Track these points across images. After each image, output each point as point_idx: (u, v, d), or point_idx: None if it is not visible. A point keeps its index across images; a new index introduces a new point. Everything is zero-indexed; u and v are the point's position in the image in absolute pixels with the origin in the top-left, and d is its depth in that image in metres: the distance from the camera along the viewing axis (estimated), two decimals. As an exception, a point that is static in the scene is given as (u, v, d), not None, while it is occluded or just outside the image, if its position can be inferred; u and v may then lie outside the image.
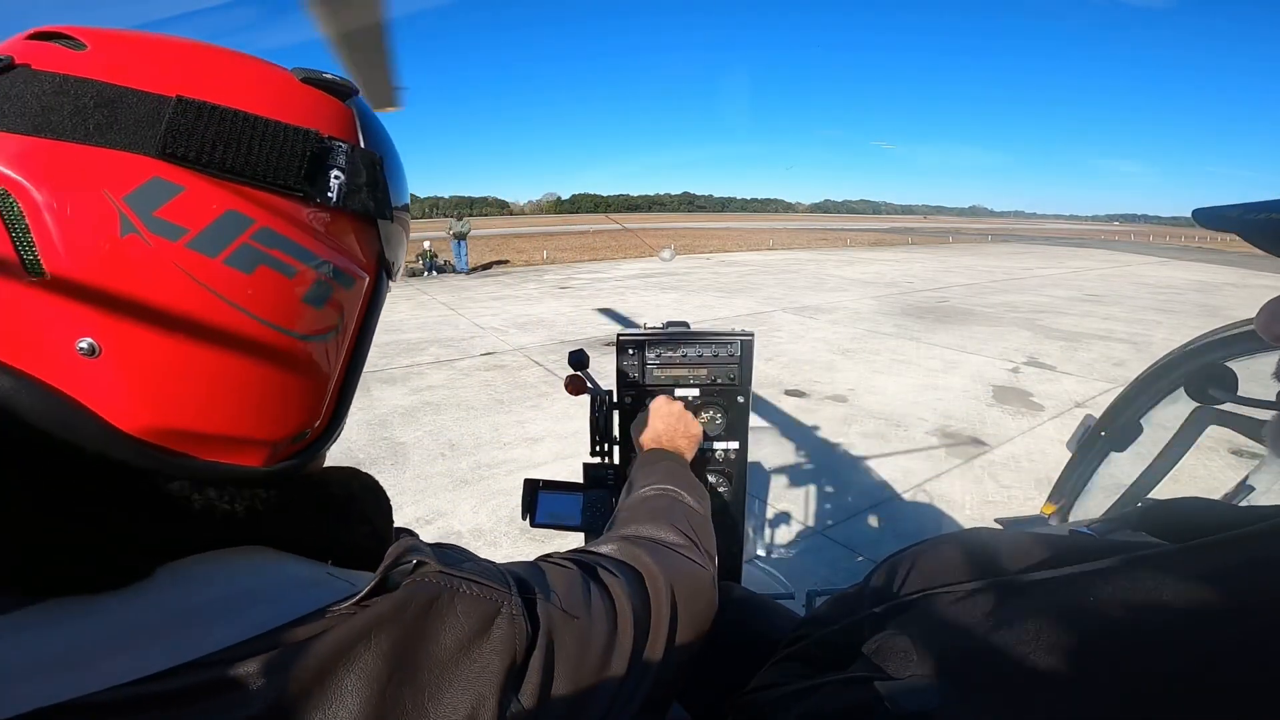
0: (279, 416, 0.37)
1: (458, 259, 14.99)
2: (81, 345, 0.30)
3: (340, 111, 0.39)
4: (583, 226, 46.37)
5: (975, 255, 21.91)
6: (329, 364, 0.39)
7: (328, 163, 0.36)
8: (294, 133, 0.35)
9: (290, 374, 0.37)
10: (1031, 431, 4.25)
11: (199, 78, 0.34)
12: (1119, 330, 7.75)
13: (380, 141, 0.41)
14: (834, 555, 2.75)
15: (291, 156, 0.34)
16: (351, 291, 0.39)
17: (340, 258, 0.38)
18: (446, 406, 4.79)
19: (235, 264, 0.33)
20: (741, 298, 10.62)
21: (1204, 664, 0.30)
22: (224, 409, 0.34)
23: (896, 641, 0.45)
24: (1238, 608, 0.31)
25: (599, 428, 1.21)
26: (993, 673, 0.37)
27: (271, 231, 0.34)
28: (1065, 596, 0.38)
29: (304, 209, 0.36)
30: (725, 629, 0.87)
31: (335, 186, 0.37)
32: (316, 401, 0.39)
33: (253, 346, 0.34)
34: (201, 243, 0.32)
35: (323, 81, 0.39)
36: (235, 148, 0.33)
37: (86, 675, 0.28)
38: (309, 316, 0.36)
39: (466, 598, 0.38)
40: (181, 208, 0.31)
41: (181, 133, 0.31)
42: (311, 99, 0.38)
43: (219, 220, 0.32)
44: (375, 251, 0.42)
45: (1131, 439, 1.37)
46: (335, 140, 0.37)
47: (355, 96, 0.41)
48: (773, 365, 5.90)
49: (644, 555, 0.57)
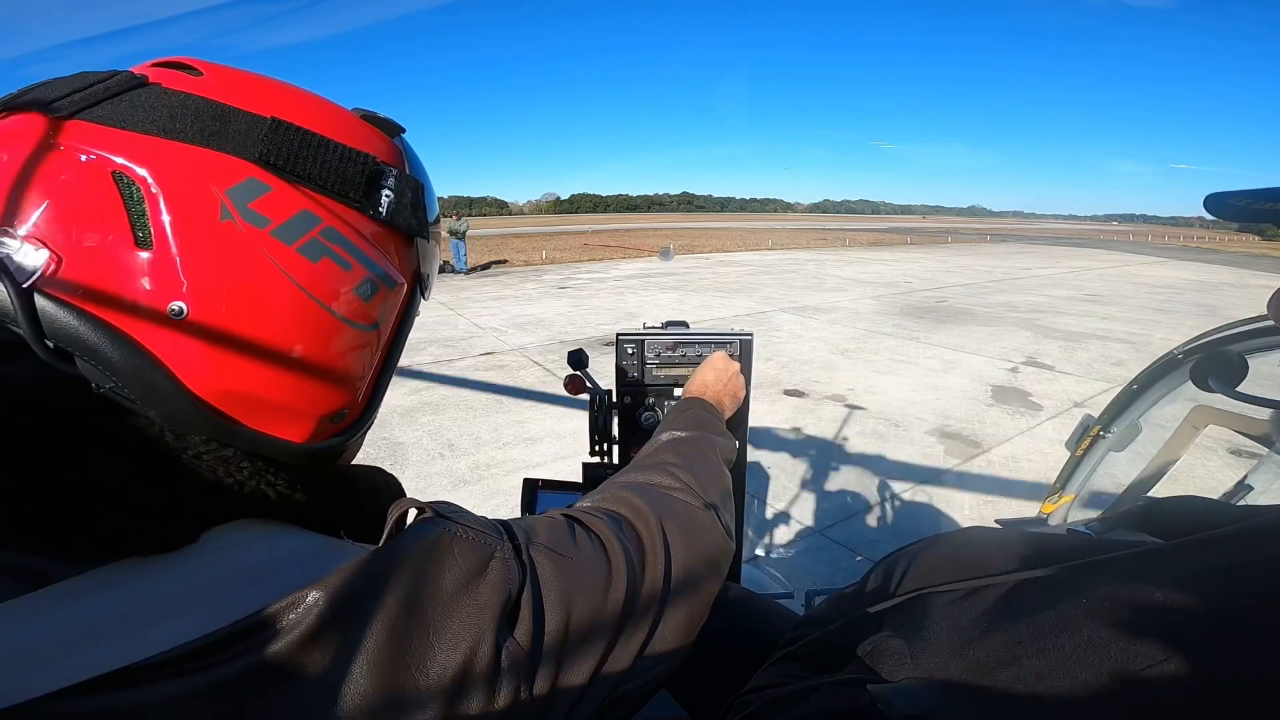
0: (323, 391, 0.42)
1: (456, 259, 14.98)
2: (173, 307, 0.35)
3: (390, 144, 0.47)
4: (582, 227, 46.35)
5: (974, 255, 21.93)
6: (369, 352, 0.45)
7: (380, 182, 0.44)
8: (357, 154, 0.42)
9: (337, 353, 0.42)
10: (1030, 431, 4.26)
11: (288, 105, 0.42)
12: (1118, 330, 7.75)
13: (421, 173, 0.49)
14: (833, 555, 2.75)
15: (354, 173, 0.42)
16: (393, 293, 0.46)
17: (386, 262, 0.45)
18: (445, 406, 4.78)
19: (305, 253, 0.39)
20: (741, 297, 10.62)
21: (1202, 662, 0.30)
22: (280, 378, 0.39)
23: (891, 643, 0.45)
24: (1234, 606, 0.31)
25: (598, 427, 1.21)
26: (988, 674, 0.37)
27: (335, 231, 0.41)
28: (1062, 596, 0.38)
29: (360, 217, 0.43)
30: (724, 629, 0.87)
31: (385, 203, 0.44)
32: (356, 384, 0.45)
33: (311, 323, 0.40)
34: (281, 232, 0.38)
35: (377, 120, 0.47)
36: (313, 161, 0.40)
37: (138, 641, 0.32)
38: (357, 306, 0.43)
39: (463, 540, 0.42)
40: (269, 203, 0.38)
41: (274, 145, 0.39)
42: (370, 132, 0.46)
43: (296, 216, 0.39)
44: (413, 266, 0.48)
45: (1130, 439, 1.37)
46: (387, 165, 0.45)
47: (402, 135, 0.49)
48: (772, 365, 5.90)
49: (632, 497, 0.59)
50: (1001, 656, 0.37)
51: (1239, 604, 0.31)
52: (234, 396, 0.38)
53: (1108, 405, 1.39)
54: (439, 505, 0.46)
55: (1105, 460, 1.42)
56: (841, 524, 3.05)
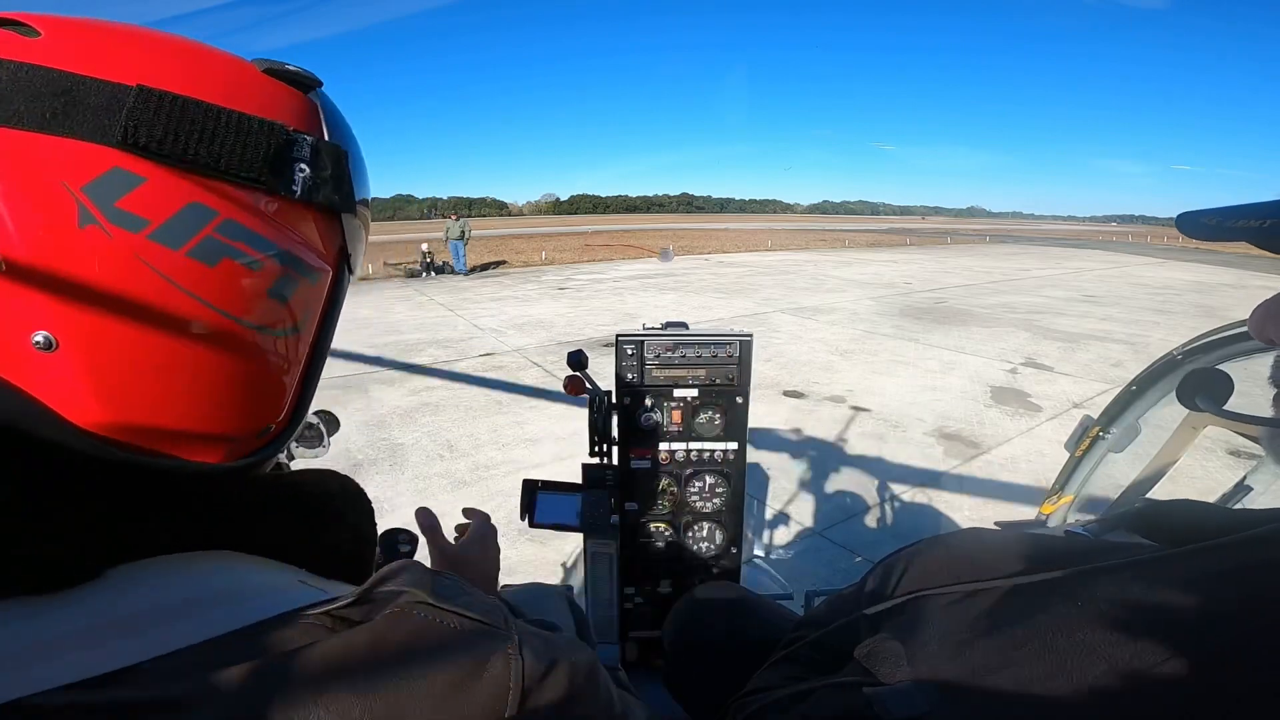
0: (242, 412, 0.37)
1: (456, 260, 14.98)
2: (37, 339, 0.29)
3: (304, 104, 0.39)
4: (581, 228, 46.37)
5: (973, 256, 21.94)
6: (292, 358, 0.39)
7: (292, 155, 0.36)
8: (259, 124, 0.34)
9: (254, 368, 0.36)
10: (1030, 432, 4.26)
11: (160, 67, 0.32)
12: (1117, 331, 7.76)
13: (344, 135, 0.41)
14: (832, 556, 2.75)
15: (256, 148, 0.34)
16: (315, 286, 0.39)
17: (304, 251, 0.38)
18: (445, 407, 4.78)
19: (198, 256, 0.32)
20: (740, 298, 10.62)
21: (1198, 666, 0.30)
22: (186, 404, 0.34)
23: (888, 645, 0.45)
24: (1231, 610, 0.31)
25: (598, 428, 1.21)
26: (984, 677, 0.37)
27: (235, 224, 0.33)
28: (1059, 598, 0.38)
29: (268, 201, 0.35)
30: (724, 629, 0.87)
31: (300, 180, 0.36)
32: (280, 396, 0.39)
33: (216, 340, 0.34)
34: (164, 235, 0.31)
35: (286, 73, 0.38)
36: (199, 139, 0.32)
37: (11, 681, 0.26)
38: (273, 310, 0.36)
39: (458, 634, 0.34)
40: (143, 199, 0.31)
41: (143, 122, 0.30)
42: (275, 91, 0.37)
43: (182, 212, 0.32)
44: (337, 245, 0.41)
45: (1129, 440, 1.37)
46: (300, 133, 0.36)
47: (319, 89, 0.40)
48: (771, 366, 5.90)
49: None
50: (998, 659, 0.37)
51: (1236, 608, 0.31)
52: (134, 429, 0.32)
53: (1107, 406, 1.39)
54: (439, 581, 0.36)
55: (1104, 461, 1.42)
56: (841, 525, 3.05)
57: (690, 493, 1.26)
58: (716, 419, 1.23)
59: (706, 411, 1.22)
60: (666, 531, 1.29)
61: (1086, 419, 1.45)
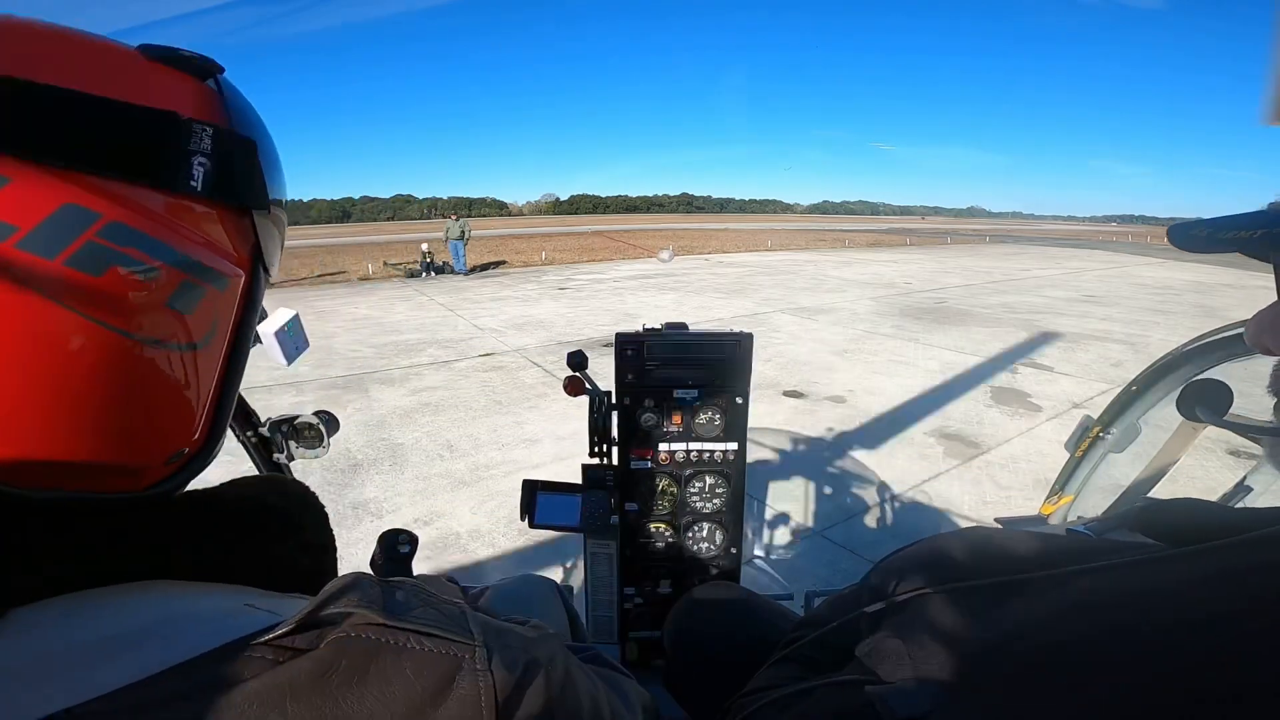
0: (150, 438, 0.33)
1: (456, 260, 14.98)
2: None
3: (201, 91, 0.35)
4: (581, 228, 46.38)
5: (973, 256, 21.94)
6: (201, 374, 0.35)
7: (188, 147, 0.32)
8: (144, 114, 0.31)
9: (159, 389, 0.33)
10: (1030, 432, 4.26)
11: (23, 55, 0.29)
12: (1117, 331, 7.76)
13: (252, 124, 0.37)
14: (833, 556, 2.75)
15: (140, 139, 0.30)
16: (225, 292, 0.35)
17: (209, 254, 0.34)
18: (445, 408, 4.78)
19: (79, 266, 0.28)
20: (740, 298, 10.62)
21: (1201, 666, 0.30)
22: (82, 435, 0.30)
23: (890, 644, 0.45)
24: (1234, 609, 0.31)
25: (598, 429, 1.21)
26: (986, 675, 0.37)
27: (122, 226, 0.29)
28: (1060, 597, 0.38)
29: (163, 199, 0.31)
30: (724, 629, 0.87)
31: (199, 174, 0.32)
32: (189, 417, 0.35)
33: (107, 360, 0.29)
34: (34, 241, 0.27)
35: (177, 58, 0.34)
36: (71, 131, 0.28)
37: None
38: (176, 323, 0.32)
39: (416, 654, 0.30)
40: (8, 202, 0.27)
41: (3, 115, 0.27)
42: (165, 77, 0.33)
43: (55, 215, 0.27)
44: (250, 245, 0.38)
45: (1130, 440, 1.37)
46: (197, 122, 0.33)
47: (220, 75, 0.36)
48: (771, 366, 5.90)
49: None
50: (999, 658, 0.37)
51: (1238, 607, 0.31)
52: (23, 466, 0.28)
53: (1107, 406, 1.39)
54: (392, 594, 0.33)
55: (1105, 461, 1.42)
56: (841, 525, 3.05)
57: (690, 493, 1.26)
58: (716, 419, 1.23)
59: (706, 411, 1.22)
60: (666, 532, 1.29)
61: (1086, 419, 1.45)
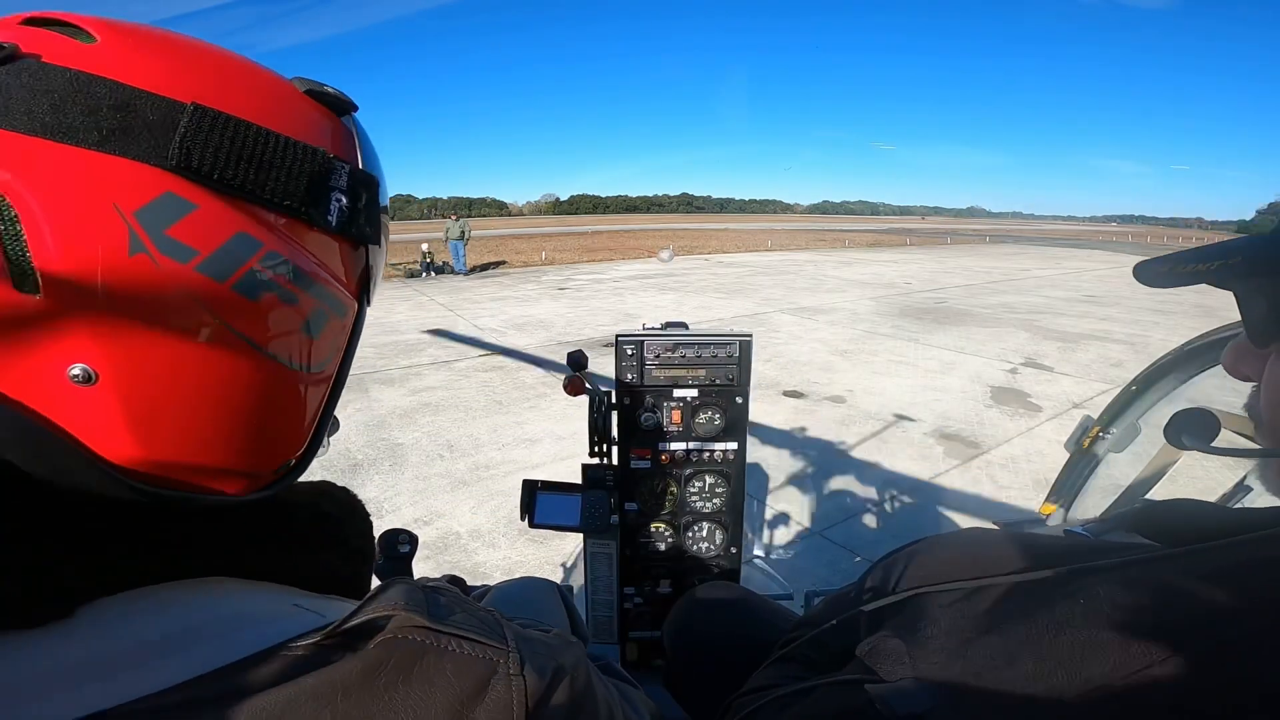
0: (271, 448, 0.36)
1: (456, 260, 14.99)
2: (74, 371, 0.27)
3: (340, 129, 0.37)
4: (581, 228, 46.40)
5: (973, 256, 21.94)
6: (318, 394, 0.38)
7: (330, 184, 0.34)
8: (304, 150, 0.32)
9: (286, 405, 0.35)
10: (1029, 432, 4.26)
11: (211, 83, 0.31)
12: (1116, 331, 7.76)
13: (375, 163, 0.39)
14: (832, 556, 2.75)
15: (300, 176, 0.32)
16: (344, 320, 0.38)
17: (335, 285, 0.36)
18: (445, 407, 4.78)
19: (242, 290, 0.30)
20: (740, 299, 10.62)
21: (1201, 665, 0.30)
22: (218, 441, 0.32)
23: (890, 643, 0.45)
24: (1232, 607, 0.31)
25: (598, 428, 1.21)
26: (986, 675, 0.37)
27: (278, 256, 0.32)
28: (1060, 597, 0.38)
29: (306, 232, 0.34)
30: (724, 629, 0.87)
31: (335, 210, 0.34)
32: (304, 431, 0.38)
33: (255, 378, 0.32)
34: (211, 266, 0.29)
35: (325, 95, 0.36)
36: (250, 163, 0.30)
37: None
38: (305, 346, 0.35)
39: (456, 657, 0.32)
40: (193, 227, 0.29)
41: (198, 144, 0.28)
42: (315, 114, 0.35)
43: (229, 242, 0.30)
44: (361, 277, 0.40)
45: (1129, 440, 1.37)
46: (338, 160, 0.35)
47: (353, 113, 0.38)
48: (771, 366, 5.90)
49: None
50: (999, 657, 0.37)
51: (1236, 606, 0.31)
52: (157, 464, 0.30)
53: (1107, 406, 1.39)
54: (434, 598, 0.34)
55: (1104, 461, 1.42)
56: (841, 525, 3.05)
57: (690, 493, 1.26)
58: (716, 419, 1.23)
59: (706, 411, 1.22)
60: (666, 531, 1.29)
61: (1086, 419, 1.45)
